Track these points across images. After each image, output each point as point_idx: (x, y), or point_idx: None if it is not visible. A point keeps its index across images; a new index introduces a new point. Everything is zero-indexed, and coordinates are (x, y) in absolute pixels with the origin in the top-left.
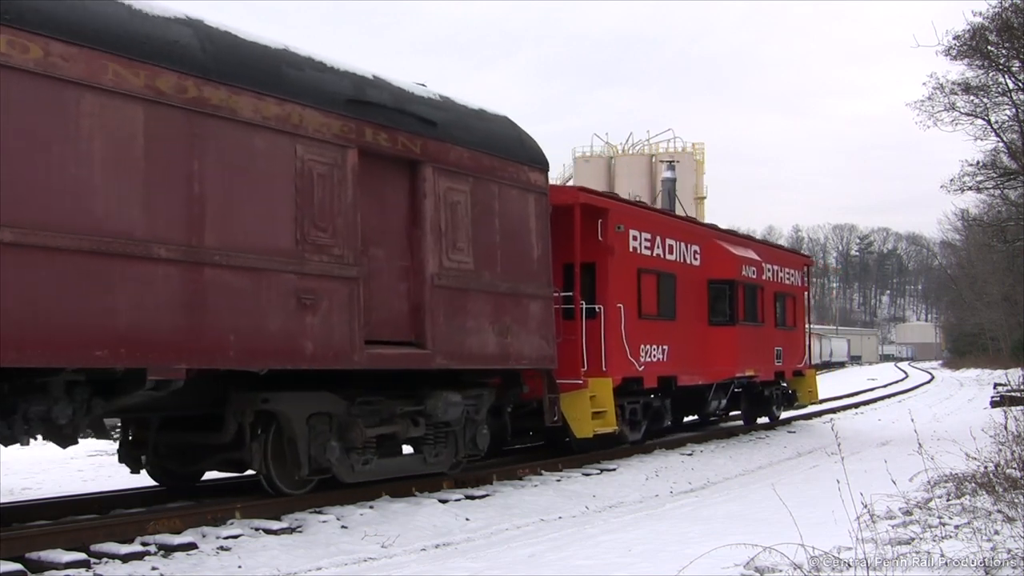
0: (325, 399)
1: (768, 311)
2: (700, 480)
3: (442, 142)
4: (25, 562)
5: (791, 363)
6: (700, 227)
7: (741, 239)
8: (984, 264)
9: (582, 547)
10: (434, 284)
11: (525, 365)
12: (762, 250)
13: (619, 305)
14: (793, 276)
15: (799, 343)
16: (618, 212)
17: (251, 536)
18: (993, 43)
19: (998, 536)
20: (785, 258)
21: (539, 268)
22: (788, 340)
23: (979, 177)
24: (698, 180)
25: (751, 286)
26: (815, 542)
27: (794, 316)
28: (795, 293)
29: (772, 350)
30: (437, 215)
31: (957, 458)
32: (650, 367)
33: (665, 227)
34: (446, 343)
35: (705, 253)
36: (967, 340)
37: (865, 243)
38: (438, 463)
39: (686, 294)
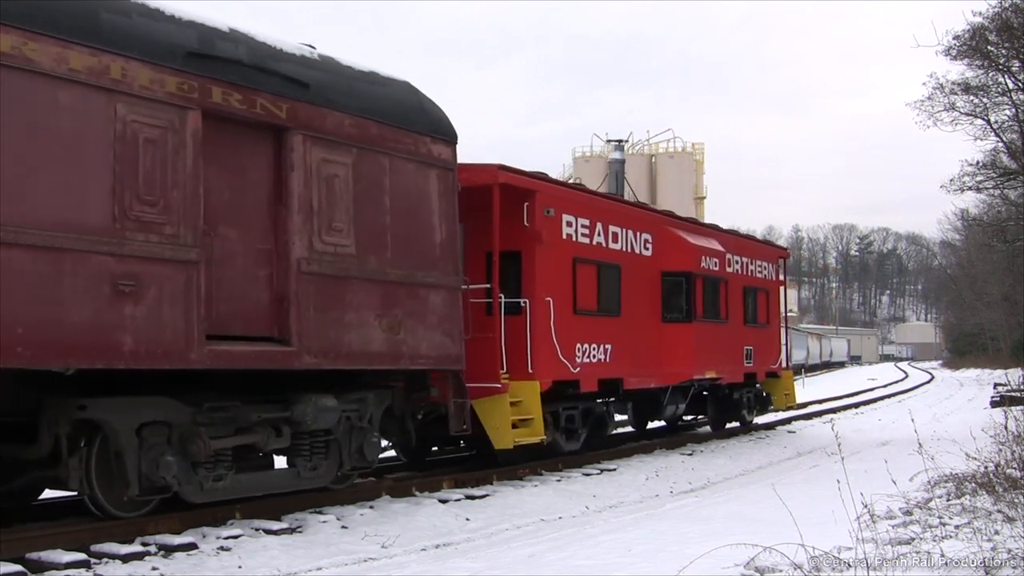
0: (162, 405)
1: (735, 307)
2: (700, 480)
3: (317, 107)
4: (25, 562)
5: (764, 364)
6: (652, 214)
7: (703, 228)
8: (984, 264)
9: (582, 547)
10: (302, 270)
11: (422, 365)
12: (728, 240)
13: (548, 299)
14: (766, 269)
15: (773, 342)
16: (547, 194)
17: (251, 536)
18: (993, 43)
19: (998, 536)
20: (756, 250)
21: (443, 254)
22: (760, 339)
23: (979, 177)
24: (698, 180)
25: (712, 279)
26: (815, 542)
27: (767, 313)
28: (768, 288)
29: (741, 350)
30: (308, 191)
31: (957, 458)
32: (588, 368)
33: (608, 213)
34: (317, 339)
35: (658, 242)
36: (967, 340)
37: (865, 243)
38: (316, 477)
39: (634, 287)
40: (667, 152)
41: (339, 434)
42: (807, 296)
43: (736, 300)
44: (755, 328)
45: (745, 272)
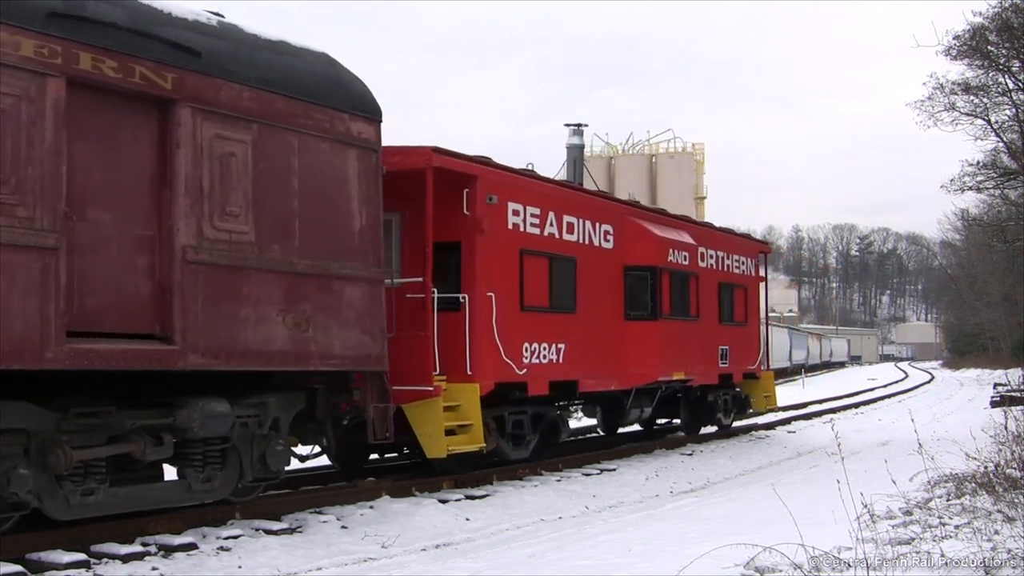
0: (18, 411)
1: (708, 304)
2: (700, 480)
3: (210, 77)
4: (25, 563)
5: (741, 364)
6: (614, 204)
7: (672, 220)
8: (984, 264)
9: (582, 547)
10: (188, 259)
11: (335, 366)
12: (700, 233)
13: (490, 294)
14: (744, 265)
15: (751, 341)
16: (490, 180)
17: (251, 536)
18: (993, 43)
19: (998, 536)
20: (733, 244)
21: (363, 243)
22: (737, 338)
23: (979, 177)
24: (698, 180)
25: (681, 274)
26: (815, 542)
27: (745, 310)
28: (746, 284)
29: (715, 349)
30: (197, 170)
31: (957, 458)
32: (537, 370)
33: (562, 202)
34: (206, 337)
35: (621, 234)
36: (967, 340)
37: (865, 243)
38: (210, 490)
39: (593, 282)
40: (667, 152)
41: (237, 442)
42: (807, 296)
43: (709, 297)
44: (731, 327)
45: (720, 267)
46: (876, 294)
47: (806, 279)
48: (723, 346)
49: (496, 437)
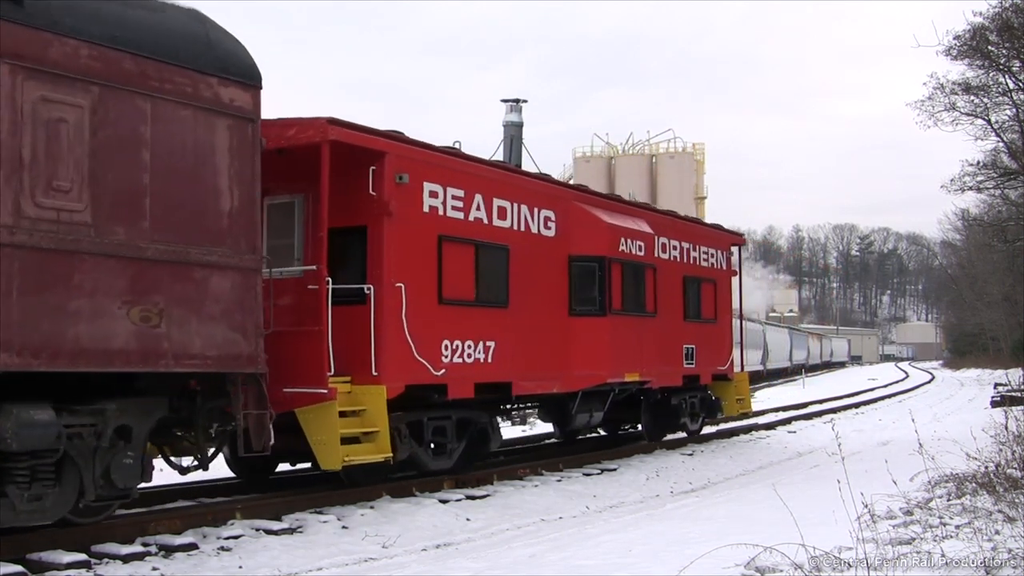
0: None
1: (670, 299)
2: (701, 480)
3: (35, 30)
4: (26, 563)
5: (710, 365)
6: (557, 187)
7: (628, 207)
8: (984, 264)
9: (583, 547)
10: (1, 242)
11: (194, 367)
12: (661, 222)
13: (399, 285)
14: (713, 257)
15: (722, 340)
16: (401, 157)
17: (252, 536)
18: (993, 43)
19: (999, 536)
20: (701, 234)
21: (234, 227)
22: (705, 336)
23: (979, 177)
24: (698, 180)
25: (636, 266)
26: (816, 542)
27: (714, 307)
28: (716, 278)
29: (678, 349)
30: (15, 138)
31: (958, 458)
32: (460, 370)
33: (492, 183)
34: (24, 332)
35: (564, 221)
36: (967, 340)
37: (865, 243)
38: (39, 510)
39: (530, 274)
40: (667, 152)
41: (76, 456)
42: (808, 296)
43: (671, 291)
44: (698, 324)
45: (685, 260)
46: (876, 294)
47: (806, 279)
48: (688, 345)
49: (410, 445)
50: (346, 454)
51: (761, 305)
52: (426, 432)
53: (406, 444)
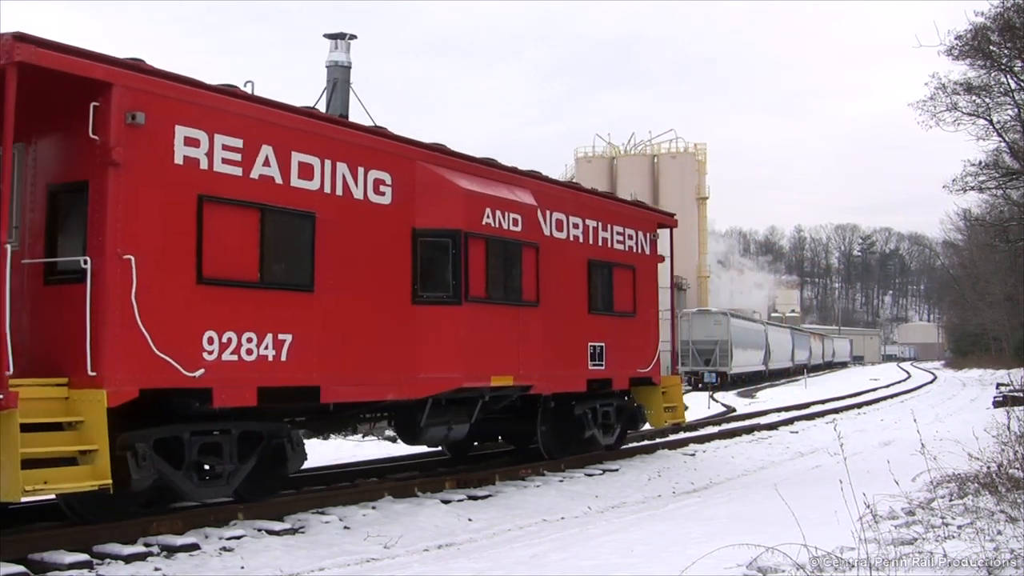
0: None
1: (566, 287)
2: (702, 480)
3: None
4: (28, 563)
5: (627, 366)
6: (396, 143)
7: (503, 172)
8: (986, 264)
9: (585, 547)
10: None
11: None
12: (553, 193)
13: (128, 257)
14: (633, 239)
15: (645, 337)
16: (136, 90)
17: (254, 537)
18: (995, 43)
19: (1001, 536)
20: (614, 212)
21: None
22: (620, 333)
23: (981, 177)
24: (700, 180)
25: (509, 244)
26: (818, 542)
27: (632, 298)
28: (635, 264)
29: (580, 347)
30: None
31: (960, 458)
32: (234, 371)
33: (287, 133)
34: None
35: (406, 186)
36: (969, 340)
37: (867, 243)
38: None
39: (351, 250)
40: (669, 152)
41: None
42: (809, 296)
43: (568, 277)
44: (610, 318)
45: (592, 240)
46: (878, 294)
47: (808, 279)
48: (595, 343)
49: (155, 467)
50: (33, 481)
51: (763, 305)
52: (189, 451)
53: (147, 467)
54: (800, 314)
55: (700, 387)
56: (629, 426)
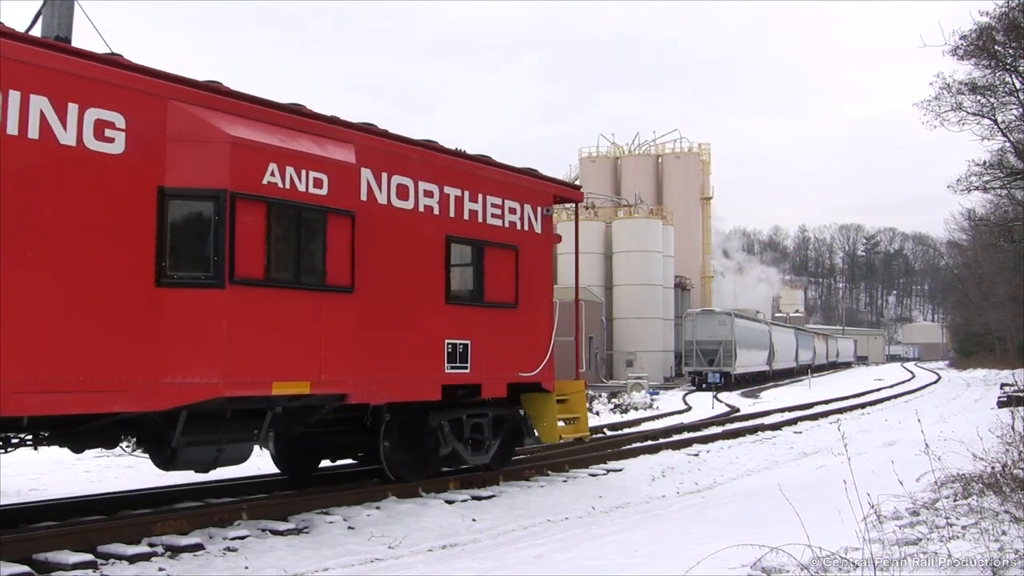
0: None
1: (408, 269)
2: (706, 480)
3: None
4: (32, 563)
5: (504, 369)
6: (134, 75)
7: (309, 121)
8: (991, 264)
9: (589, 548)
10: None
11: None
12: (390, 150)
13: None
14: (516, 215)
15: (530, 334)
16: None
17: (258, 537)
18: (1000, 43)
19: (1005, 536)
20: (484, 179)
21: None
22: (494, 328)
23: (986, 177)
24: (704, 180)
25: (305, 211)
26: (822, 543)
27: (514, 286)
28: (518, 244)
29: (432, 345)
30: None
31: (964, 458)
32: None
33: None
34: None
35: (150, 131)
36: (974, 340)
37: (871, 243)
38: None
39: (56, 212)
40: (673, 153)
41: None
42: (813, 296)
43: (416, 259)
44: (479, 311)
45: (452, 213)
46: (882, 294)
47: (812, 279)
48: (456, 340)
49: None
50: None
51: (767, 300)
52: None
53: None
54: (804, 314)
55: (704, 387)
56: (515, 441)
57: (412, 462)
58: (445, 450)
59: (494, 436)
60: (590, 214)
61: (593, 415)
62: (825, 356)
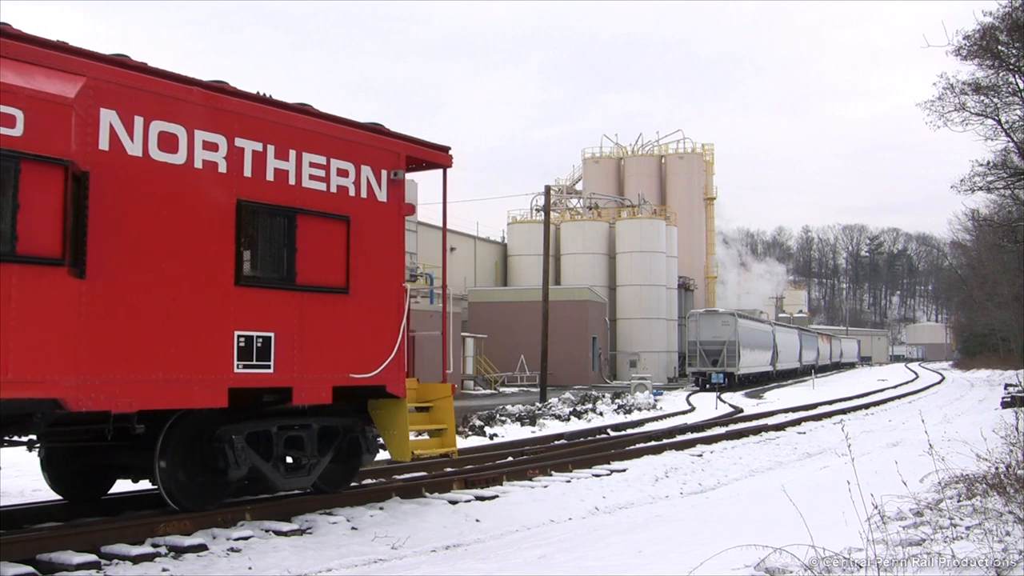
0: None
1: (189, 243)
2: (710, 481)
3: None
4: (36, 563)
5: (329, 368)
6: None
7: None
8: (994, 264)
9: (593, 548)
10: None
11: None
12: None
13: None
14: (347, 177)
15: (368, 325)
16: None
17: (261, 537)
18: (1003, 43)
19: (1009, 537)
20: (297, 131)
21: None
22: (313, 318)
23: (989, 177)
24: (708, 181)
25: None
26: (826, 543)
27: (345, 266)
28: (350, 215)
29: (218, 339)
30: None
31: (968, 459)
32: None
33: None
34: None
35: None
36: (977, 341)
37: (875, 244)
38: None
39: None
40: (677, 153)
41: None
42: (817, 297)
43: (185, 227)
44: (289, 295)
45: (248, 171)
46: (886, 295)
47: (816, 279)
48: (252, 332)
49: None
50: None
51: (771, 294)
52: None
53: None
54: (808, 315)
55: (708, 388)
56: (351, 459)
57: (198, 487)
58: (237, 472)
59: (321, 453)
60: (593, 214)
61: (597, 415)
62: (829, 357)
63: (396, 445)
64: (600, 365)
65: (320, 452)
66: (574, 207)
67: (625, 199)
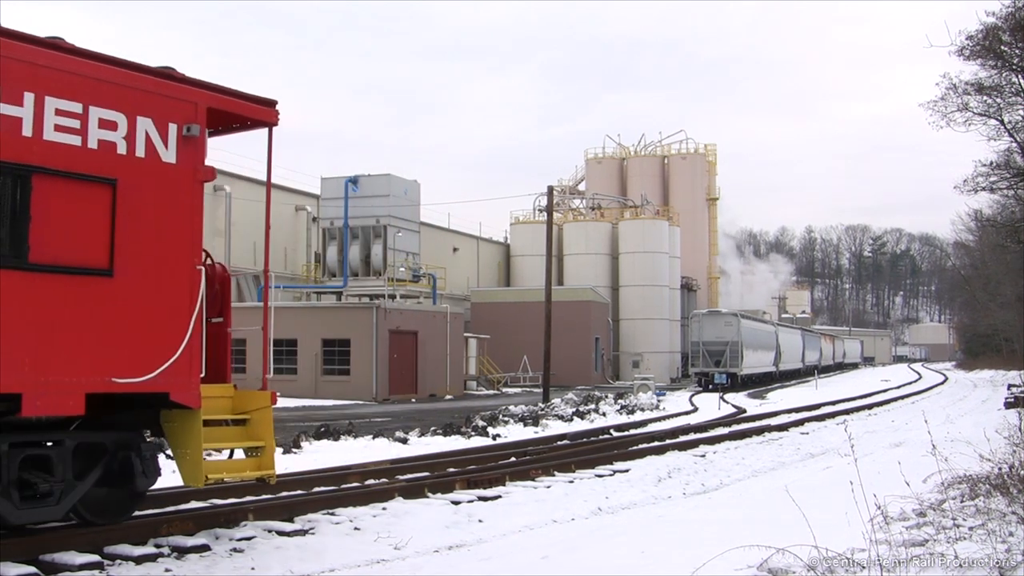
0: None
1: None
2: (713, 481)
3: None
4: (39, 564)
5: (86, 369)
6: None
7: None
8: (998, 265)
9: (595, 548)
10: None
11: None
12: None
13: None
14: (117, 131)
15: (145, 315)
16: None
17: (264, 537)
18: (1006, 43)
19: (1012, 537)
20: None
21: None
22: (58, 304)
23: (992, 177)
24: (710, 181)
25: None
26: (828, 543)
27: (108, 240)
28: (117, 176)
29: None
30: None
31: (971, 459)
32: None
33: None
34: None
35: None
36: (981, 341)
37: (878, 244)
38: None
39: None
40: (679, 154)
41: None
42: (820, 297)
43: None
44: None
45: None
46: (889, 295)
47: (819, 280)
48: None
49: None
50: None
51: (774, 293)
52: None
53: None
54: (811, 315)
55: (710, 388)
56: (120, 486)
57: None
58: None
59: (79, 477)
60: (596, 215)
61: (600, 416)
62: (832, 357)
63: (186, 467)
64: (603, 365)
65: (79, 476)
66: (577, 208)
67: (628, 199)
